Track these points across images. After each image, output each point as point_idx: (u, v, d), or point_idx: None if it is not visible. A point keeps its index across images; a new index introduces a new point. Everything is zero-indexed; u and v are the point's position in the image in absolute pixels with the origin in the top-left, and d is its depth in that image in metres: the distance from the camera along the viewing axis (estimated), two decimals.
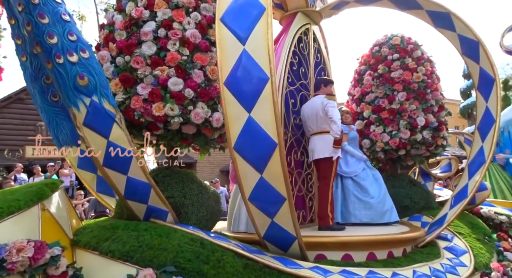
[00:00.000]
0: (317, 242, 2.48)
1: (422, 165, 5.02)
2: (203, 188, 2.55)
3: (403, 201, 4.04)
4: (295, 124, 3.48)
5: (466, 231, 3.39)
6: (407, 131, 3.95)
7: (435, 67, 4.29)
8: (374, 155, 4.27)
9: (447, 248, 3.00)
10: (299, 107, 3.52)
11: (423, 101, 4.02)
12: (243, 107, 1.94)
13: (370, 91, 4.30)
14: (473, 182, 3.23)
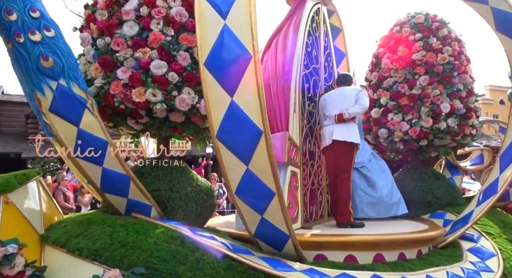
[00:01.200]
0: (316, 242, 2.25)
1: (448, 157, 4.60)
2: (194, 181, 2.39)
3: (424, 197, 3.69)
4: (309, 111, 3.23)
5: (496, 231, 3.02)
6: (429, 119, 3.56)
7: (464, 47, 3.84)
8: (392, 145, 3.92)
9: (471, 250, 2.67)
10: (312, 93, 3.28)
11: (449, 86, 3.60)
12: (225, 91, 1.73)
13: (388, 76, 3.93)
14: (505, 176, 2.84)
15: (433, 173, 3.92)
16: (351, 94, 3.10)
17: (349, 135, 2.97)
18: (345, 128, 2.99)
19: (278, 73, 3.01)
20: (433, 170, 3.99)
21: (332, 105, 3.14)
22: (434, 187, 3.72)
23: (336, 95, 3.19)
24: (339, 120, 2.99)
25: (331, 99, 3.20)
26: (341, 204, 2.96)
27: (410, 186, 3.82)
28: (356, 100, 3.04)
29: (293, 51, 3.03)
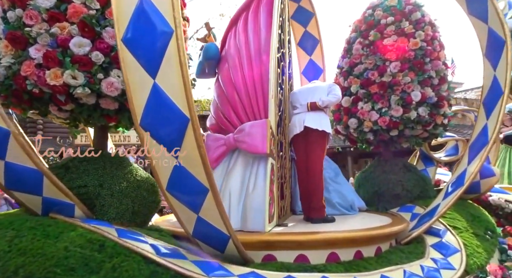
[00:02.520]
0: (266, 241, 2.08)
1: (422, 148, 4.52)
2: (132, 175, 2.17)
3: (394, 189, 3.58)
4: (279, 98, 3.04)
5: (464, 225, 2.93)
6: (399, 108, 3.42)
7: (438, 32, 3.69)
8: (363, 136, 3.78)
9: (435, 246, 2.56)
10: (281, 79, 3.10)
11: (420, 73, 3.46)
12: (146, 72, 1.50)
13: (359, 62, 3.77)
14: (472, 167, 2.73)
15: (404, 164, 3.82)
16: (323, 86, 3.10)
17: (321, 123, 2.91)
18: (317, 116, 2.93)
19: (253, 56, 2.78)
20: (404, 161, 3.88)
21: (303, 96, 3.07)
22: (404, 179, 3.61)
23: (308, 87, 3.16)
24: (311, 108, 2.93)
25: (302, 91, 3.13)
26: (316, 198, 2.87)
27: (379, 178, 3.71)
28: (329, 92, 3.02)
29: (268, 32, 2.80)
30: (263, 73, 2.69)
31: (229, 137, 2.63)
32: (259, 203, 2.34)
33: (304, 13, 4.76)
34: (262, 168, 2.49)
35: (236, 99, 2.73)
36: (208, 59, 2.97)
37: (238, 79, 2.74)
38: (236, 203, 2.45)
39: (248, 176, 2.54)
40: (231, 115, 2.76)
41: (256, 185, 2.43)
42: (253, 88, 2.70)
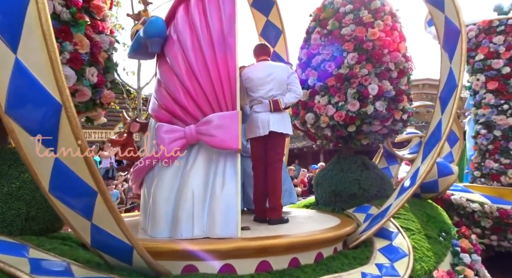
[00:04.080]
0: (186, 251, 1.84)
1: (385, 145, 4.41)
2: (30, 174, 1.88)
3: (350, 188, 3.42)
4: None
5: (417, 226, 2.80)
6: (356, 102, 3.26)
7: (399, 23, 3.56)
8: (320, 132, 3.61)
9: (383, 250, 2.40)
10: None
11: (378, 65, 3.31)
12: (6, 44, 1.23)
13: (317, 53, 3.58)
14: (424, 166, 2.60)
15: (363, 162, 3.66)
16: (282, 76, 2.82)
17: (285, 126, 2.80)
18: (281, 118, 2.78)
19: (215, 38, 2.46)
20: (363, 158, 3.73)
21: (261, 86, 2.80)
22: (362, 177, 3.46)
23: (263, 73, 2.83)
24: (275, 108, 2.73)
25: (258, 77, 2.82)
26: (275, 198, 2.74)
27: (336, 177, 3.54)
28: (288, 85, 2.83)
29: (232, 11, 2.49)
30: (229, 59, 2.39)
31: (190, 130, 2.28)
32: (230, 204, 2.11)
33: (265, 0, 4.54)
34: (230, 165, 2.25)
35: (196, 87, 2.40)
36: (153, 36, 2.56)
37: (198, 64, 2.41)
38: (200, 206, 2.16)
39: (212, 175, 2.27)
40: (189, 104, 2.41)
41: (225, 184, 2.19)
42: (217, 75, 2.38)
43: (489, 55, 4.74)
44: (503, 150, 4.57)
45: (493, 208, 3.89)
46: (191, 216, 2.13)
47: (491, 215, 3.94)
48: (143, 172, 2.55)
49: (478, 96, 4.90)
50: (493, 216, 3.92)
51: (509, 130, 4.53)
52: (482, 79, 4.80)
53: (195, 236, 2.09)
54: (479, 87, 4.85)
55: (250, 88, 2.86)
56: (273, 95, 2.78)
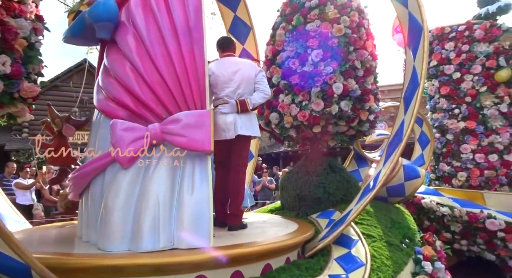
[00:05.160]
0: (112, 266, 1.64)
1: (355, 147, 4.31)
2: None
3: (315, 192, 3.29)
4: None
5: (379, 233, 2.68)
6: (320, 101, 3.13)
7: (366, 20, 3.45)
8: (285, 132, 3.47)
9: (340, 259, 2.27)
10: None
11: (343, 63, 3.19)
12: None
13: (281, 49, 3.45)
14: (385, 168, 2.48)
15: (330, 164, 3.54)
16: (249, 74, 2.71)
17: (253, 129, 2.71)
18: (249, 120, 2.68)
19: (180, 30, 2.28)
20: (330, 161, 3.60)
21: (226, 84, 2.67)
22: (327, 181, 3.33)
23: (230, 70, 2.68)
24: (242, 109, 2.62)
25: (223, 74, 2.67)
26: (238, 203, 2.67)
27: (301, 180, 3.41)
28: (256, 84, 2.74)
29: (197, 3, 2.34)
30: (197, 53, 2.22)
31: (154, 129, 2.08)
32: (201, 211, 1.95)
33: None
34: (200, 168, 2.08)
35: (158, 81, 2.19)
36: (102, 20, 2.27)
37: (161, 56, 2.22)
38: (166, 213, 1.97)
39: (179, 179, 2.08)
40: (151, 100, 2.19)
41: (195, 189, 2.01)
42: (183, 69, 2.20)
43: (441, 61, 4.90)
44: (454, 153, 4.68)
45: (462, 212, 3.85)
46: (156, 225, 1.92)
47: (461, 219, 3.89)
48: (88, 177, 2.28)
49: (432, 101, 5.05)
50: (463, 220, 3.87)
51: (460, 134, 4.65)
52: (436, 84, 4.96)
53: (161, 247, 1.88)
54: (434, 92, 5.02)
55: (214, 86, 2.70)
56: (240, 94, 2.66)
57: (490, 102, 4.50)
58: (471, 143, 4.54)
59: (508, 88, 4.46)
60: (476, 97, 4.58)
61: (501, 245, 3.65)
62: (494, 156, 4.39)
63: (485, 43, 4.58)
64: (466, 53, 4.69)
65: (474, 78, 4.60)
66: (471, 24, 4.75)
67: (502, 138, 4.40)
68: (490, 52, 4.54)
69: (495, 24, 4.66)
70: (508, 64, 4.46)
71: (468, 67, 4.66)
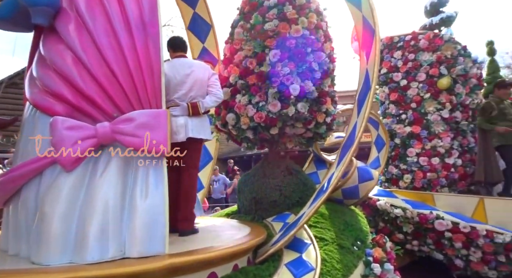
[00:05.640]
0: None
1: (314, 149, 4.34)
2: None
3: (271, 195, 3.25)
4: None
5: (332, 236, 2.68)
6: (277, 102, 3.09)
7: (324, 22, 3.48)
8: (242, 134, 3.39)
9: (290, 264, 2.22)
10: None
11: (301, 64, 3.18)
12: None
13: (239, 48, 3.38)
14: (338, 170, 2.49)
15: (287, 167, 3.52)
16: (202, 76, 2.72)
17: (205, 131, 2.71)
18: (200, 122, 2.67)
19: (133, 22, 2.14)
20: (288, 163, 3.58)
21: (179, 87, 2.62)
22: (284, 183, 3.30)
23: (182, 72, 2.64)
24: (194, 113, 2.61)
25: (175, 76, 2.62)
26: (189, 207, 2.61)
27: (258, 183, 3.36)
28: (209, 87, 2.74)
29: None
30: (152, 49, 2.10)
31: (104, 128, 1.94)
32: (156, 216, 1.84)
33: None
34: (154, 171, 1.96)
35: (108, 76, 2.03)
36: (40, 3, 2.06)
37: (111, 49, 2.05)
38: (117, 220, 1.83)
39: (131, 182, 1.93)
40: (98, 96, 2.01)
41: (149, 193, 1.89)
42: (136, 65, 2.06)
43: (390, 69, 5.19)
44: (401, 156, 4.96)
45: (414, 213, 3.99)
46: (105, 233, 1.77)
47: (412, 220, 4.03)
48: (17, 182, 2.04)
49: (383, 106, 5.35)
50: (414, 221, 4.01)
51: (407, 138, 4.92)
52: (386, 91, 5.26)
53: (110, 257, 1.73)
54: (384, 98, 5.32)
55: (166, 88, 2.57)
56: (192, 97, 2.65)
57: (433, 108, 4.82)
58: (416, 146, 4.82)
59: (449, 95, 4.79)
60: (421, 103, 4.89)
61: (448, 245, 3.82)
62: (436, 159, 4.69)
63: (429, 53, 4.92)
64: (412, 62, 4.99)
65: (419, 85, 4.91)
66: (416, 34, 5.08)
67: (444, 142, 4.70)
68: (433, 61, 4.87)
69: (437, 35, 5.02)
70: (449, 73, 4.80)
71: (414, 75, 4.96)
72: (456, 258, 3.84)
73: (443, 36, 4.95)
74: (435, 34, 5.03)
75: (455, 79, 4.79)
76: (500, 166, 4.46)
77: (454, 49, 4.85)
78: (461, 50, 4.88)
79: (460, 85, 4.79)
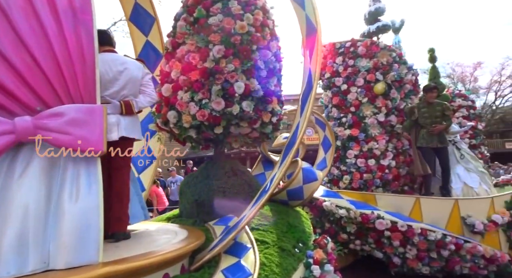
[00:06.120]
0: None
1: (262, 149, 4.30)
2: None
3: (214, 197, 3.13)
4: None
5: (274, 239, 2.62)
6: (221, 100, 2.99)
7: (271, 20, 3.44)
8: (184, 133, 3.23)
9: (227, 270, 2.12)
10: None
11: (246, 61, 3.11)
12: None
13: (182, 42, 3.22)
14: (280, 171, 2.44)
15: (232, 167, 3.42)
16: (136, 75, 2.63)
17: (136, 130, 2.64)
18: (131, 121, 2.59)
19: (60, 7, 1.92)
20: (233, 164, 3.49)
21: (110, 84, 2.47)
22: (228, 185, 3.19)
23: (115, 69, 2.50)
24: (127, 112, 2.53)
25: (108, 72, 2.46)
26: (122, 206, 2.48)
27: (200, 185, 3.21)
28: (142, 86, 2.69)
29: None
30: (84, 38, 1.92)
31: (24, 122, 1.73)
32: (88, 221, 1.69)
33: None
34: (86, 171, 1.80)
35: (29, 64, 1.80)
36: None
37: (35, 35, 1.82)
38: (39, 227, 1.64)
39: (58, 184, 1.74)
40: (15, 85, 1.77)
41: (80, 195, 1.72)
42: (65, 54, 1.86)
43: (333, 74, 5.47)
44: (341, 158, 5.22)
45: (356, 213, 4.11)
46: (25, 243, 1.58)
47: (355, 220, 4.15)
48: None
49: (326, 110, 5.61)
50: (357, 221, 4.13)
51: (347, 141, 5.19)
52: (329, 95, 5.53)
53: (31, 270, 1.54)
54: (327, 102, 5.59)
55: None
56: (124, 95, 2.56)
57: (370, 112, 5.12)
58: (355, 148, 5.09)
59: (385, 100, 5.12)
60: (359, 107, 5.17)
61: (387, 243, 3.99)
62: (372, 160, 4.97)
63: (366, 59, 5.21)
64: (352, 67, 5.28)
65: (358, 90, 5.19)
66: (355, 42, 5.38)
67: (379, 144, 5.00)
68: (370, 67, 5.17)
69: (374, 42, 5.34)
70: (384, 78, 5.11)
71: (353, 80, 5.25)
72: (394, 256, 4.02)
73: (379, 44, 5.24)
74: (372, 41, 5.37)
75: (390, 85, 5.09)
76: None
77: (389, 56, 5.17)
78: (396, 57, 5.22)
79: (395, 90, 5.12)
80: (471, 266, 3.84)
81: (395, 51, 5.25)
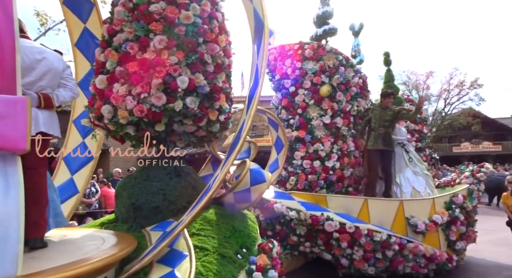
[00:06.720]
0: None
1: (211, 149, 4.12)
2: None
3: (153, 200, 2.89)
4: None
5: (215, 245, 2.47)
6: (162, 95, 2.77)
7: (220, 12, 3.29)
8: (121, 129, 2.96)
9: None
10: None
11: (191, 54, 2.93)
12: None
13: (120, 30, 2.96)
14: (222, 172, 2.30)
15: (175, 168, 3.21)
16: (56, 67, 2.45)
17: (55, 127, 2.47)
18: (50, 117, 2.42)
19: None
20: (178, 164, 3.28)
21: (26, 73, 2.25)
22: (169, 187, 2.98)
23: (32, 57, 2.29)
24: (46, 105, 2.35)
25: (23, 59, 2.18)
26: (39, 208, 2.29)
27: (138, 187, 2.97)
28: (63, 79, 2.53)
29: None
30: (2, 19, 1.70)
31: None
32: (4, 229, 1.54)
33: None
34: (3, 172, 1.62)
35: None
36: None
37: None
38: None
39: None
40: None
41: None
42: None
43: (282, 76, 5.50)
44: (289, 160, 5.25)
45: (307, 215, 4.09)
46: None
47: (305, 222, 4.13)
48: None
49: (276, 112, 5.62)
50: (307, 223, 4.12)
51: (294, 143, 5.25)
52: (279, 96, 5.57)
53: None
54: (277, 104, 5.62)
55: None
56: (41, 87, 2.37)
57: (316, 114, 5.20)
58: (301, 150, 5.14)
59: (331, 102, 5.23)
60: (306, 109, 5.24)
61: (336, 245, 4.02)
62: (317, 162, 5.04)
63: (313, 62, 5.29)
64: (299, 70, 5.33)
65: (305, 92, 5.27)
66: (303, 44, 5.43)
67: (325, 146, 5.09)
68: (317, 70, 5.25)
69: (321, 45, 5.44)
70: (330, 81, 5.22)
71: (301, 83, 5.30)
72: (342, 257, 4.07)
73: (325, 47, 5.35)
74: (319, 44, 5.45)
75: (335, 88, 5.18)
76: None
77: (335, 59, 5.28)
78: (342, 60, 5.33)
79: (341, 93, 5.23)
80: (413, 266, 3.99)
81: (342, 54, 5.36)
